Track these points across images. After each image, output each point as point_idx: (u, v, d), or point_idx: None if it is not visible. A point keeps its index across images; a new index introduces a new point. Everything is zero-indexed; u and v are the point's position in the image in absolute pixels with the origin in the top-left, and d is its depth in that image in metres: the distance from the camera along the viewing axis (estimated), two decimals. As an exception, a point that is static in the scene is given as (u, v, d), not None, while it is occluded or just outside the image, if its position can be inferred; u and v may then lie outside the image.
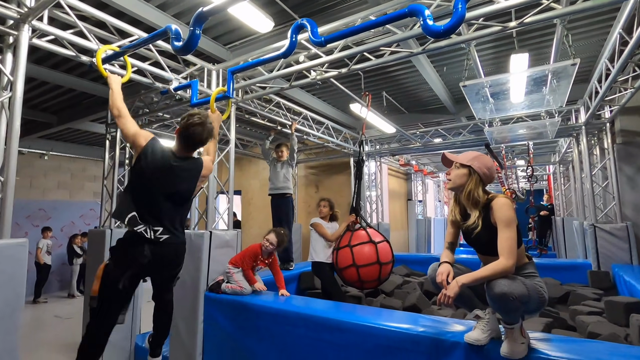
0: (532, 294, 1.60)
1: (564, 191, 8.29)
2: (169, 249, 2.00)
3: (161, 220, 1.97)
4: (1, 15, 2.13)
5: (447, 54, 4.25)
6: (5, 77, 2.16)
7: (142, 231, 1.90)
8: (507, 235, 1.63)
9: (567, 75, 2.95)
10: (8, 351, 1.86)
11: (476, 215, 1.74)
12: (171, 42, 2.08)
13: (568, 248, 7.11)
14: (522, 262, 1.74)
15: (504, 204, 1.69)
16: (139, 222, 1.91)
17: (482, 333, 1.76)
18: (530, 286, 1.62)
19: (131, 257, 1.90)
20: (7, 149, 2.08)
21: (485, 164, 1.80)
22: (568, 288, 3.97)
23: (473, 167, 1.78)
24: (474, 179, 1.77)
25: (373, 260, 3.26)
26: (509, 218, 1.65)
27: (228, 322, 2.79)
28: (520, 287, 1.57)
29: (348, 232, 3.51)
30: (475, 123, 5.85)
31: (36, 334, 4.77)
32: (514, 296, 1.54)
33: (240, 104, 4.04)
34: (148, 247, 1.90)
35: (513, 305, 1.55)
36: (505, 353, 1.64)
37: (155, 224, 1.95)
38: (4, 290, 1.86)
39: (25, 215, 7.23)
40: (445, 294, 1.62)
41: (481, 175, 1.77)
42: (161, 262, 1.99)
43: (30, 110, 5.62)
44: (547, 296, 1.69)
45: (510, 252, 1.60)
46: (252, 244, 3.06)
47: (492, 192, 1.80)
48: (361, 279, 3.26)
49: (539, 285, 1.66)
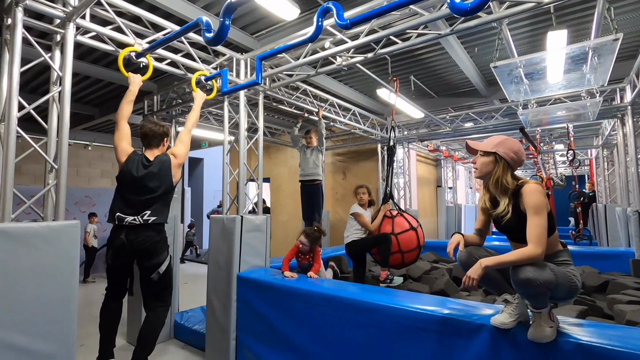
0: (560, 281, 1.57)
1: (608, 177, 7.81)
2: (137, 234, 2.42)
3: (132, 209, 2.45)
4: (49, 14, 2.31)
5: (479, 33, 4.09)
6: (55, 72, 2.34)
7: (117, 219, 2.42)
8: (537, 222, 1.59)
9: (610, 52, 2.77)
10: (68, 319, 2.08)
11: (505, 202, 1.70)
12: (202, 34, 2.16)
13: (610, 236, 6.75)
14: (556, 249, 1.70)
15: (534, 190, 1.63)
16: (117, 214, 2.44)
17: (509, 317, 1.76)
18: (560, 273, 1.59)
19: (109, 241, 2.46)
20: (59, 139, 2.27)
21: (512, 147, 1.74)
22: (607, 277, 3.80)
23: (499, 153, 1.72)
24: (501, 165, 1.72)
25: (415, 245, 3.68)
26: (538, 204, 1.60)
27: (259, 302, 2.93)
28: (547, 274, 1.54)
29: (387, 219, 3.75)
30: (509, 106, 5.62)
31: (86, 309, 5.22)
32: (539, 282, 1.51)
33: (268, 92, 4.12)
34: (122, 231, 2.42)
35: (538, 290, 1.53)
36: (533, 337, 1.63)
37: (129, 214, 2.43)
38: (62, 266, 2.07)
39: (73, 202, 7.81)
40: (470, 276, 1.61)
41: (508, 161, 1.72)
42: (131, 247, 2.42)
43: (74, 103, 6.02)
44: (580, 284, 1.65)
45: (539, 239, 1.56)
46: (295, 244, 3.36)
47: (523, 178, 1.75)
48: (405, 262, 3.69)
49: (570, 273, 1.63)
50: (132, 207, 2.44)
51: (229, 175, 3.64)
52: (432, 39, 2.89)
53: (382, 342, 2.20)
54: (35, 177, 7.50)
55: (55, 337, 2.02)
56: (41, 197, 2.23)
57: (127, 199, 2.46)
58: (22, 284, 1.92)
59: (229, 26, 2.03)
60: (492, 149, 1.74)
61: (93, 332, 4.25)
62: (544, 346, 1.63)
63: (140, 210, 2.45)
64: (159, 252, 2.50)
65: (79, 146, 8.05)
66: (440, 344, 1.97)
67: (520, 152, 1.74)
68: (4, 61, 2.29)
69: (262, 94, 3.90)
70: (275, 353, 2.76)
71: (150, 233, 2.45)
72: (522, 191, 1.66)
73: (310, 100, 5.07)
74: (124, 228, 2.41)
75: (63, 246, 2.08)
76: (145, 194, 2.47)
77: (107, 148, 8.69)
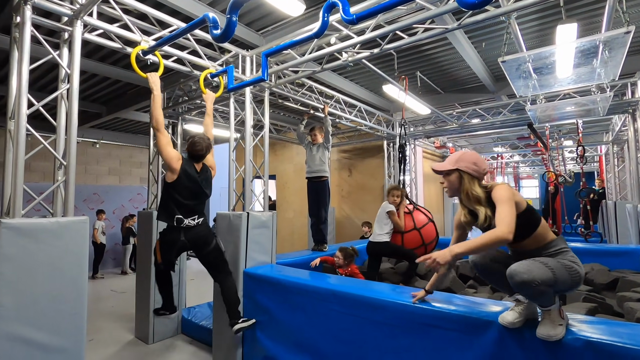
0: (558, 275, 1.56)
1: (618, 173, 7.69)
2: (193, 233, 2.78)
3: (190, 213, 2.77)
4: (57, 12, 2.32)
5: (486, 28, 4.03)
6: (63, 70, 2.36)
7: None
8: (503, 209, 1.61)
9: (621, 45, 2.71)
10: (79, 313, 2.11)
11: (483, 211, 1.74)
12: (210, 31, 2.16)
13: (620, 234, 6.65)
14: (548, 239, 1.71)
15: (499, 188, 1.71)
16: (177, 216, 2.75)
17: (518, 316, 1.74)
18: (557, 267, 1.57)
19: (168, 239, 2.79)
20: (67, 137, 2.29)
21: (471, 159, 1.81)
22: (617, 274, 3.74)
23: (460, 168, 1.80)
24: (465, 179, 1.79)
25: (434, 236, 4.07)
26: (504, 196, 1.65)
27: (265, 298, 2.95)
28: (542, 270, 1.53)
29: (407, 215, 3.99)
30: (517, 101, 5.55)
31: (95, 305, 5.30)
32: (537, 282, 1.50)
33: (273, 88, 4.11)
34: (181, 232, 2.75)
35: (539, 289, 1.52)
36: (542, 335, 1.62)
37: (187, 217, 2.76)
38: (72, 261, 2.10)
39: (82, 199, 7.91)
40: (435, 259, 1.59)
41: (471, 173, 1.79)
42: (191, 244, 2.80)
43: (82, 101, 6.07)
44: (582, 270, 1.63)
45: (507, 222, 1.57)
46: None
47: (490, 183, 1.81)
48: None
49: (569, 261, 1.61)
50: (190, 210, 2.77)
51: (234, 172, 3.65)
52: (439, 33, 2.86)
53: (390, 338, 2.20)
54: (45, 174, 7.60)
55: (66, 332, 2.05)
56: (50, 193, 2.26)
57: (185, 203, 2.75)
58: (33, 279, 1.96)
59: (236, 22, 2.03)
60: (453, 167, 1.82)
61: (102, 327, 4.32)
62: (553, 343, 1.61)
63: (195, 213, 2.81)
64: (210, 242, 2.89)
65: (87, 144, 8.13)
66: (448, 341, 1.97)
67: (479, 161, 1.82)
68: (14, 59, 2.32)
69: (268, 90, 3.90)
70: (281, 348, 2.78)
71: (201, 229, 2.84)
72: (492, 194, 1.71)
73: (316, 97, 5.05)
74: (182, 229, 2.74)
75: (72, 241, 2.11)
76: (200, 198, 2.85)
77: (115, 146, 8.77)
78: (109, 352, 3.66)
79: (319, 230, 4.48)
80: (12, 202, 2.03)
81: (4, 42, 3.59)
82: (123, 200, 8.74)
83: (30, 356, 1.92)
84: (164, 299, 3.15)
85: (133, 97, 5.82)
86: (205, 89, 3.24)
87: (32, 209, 2.13)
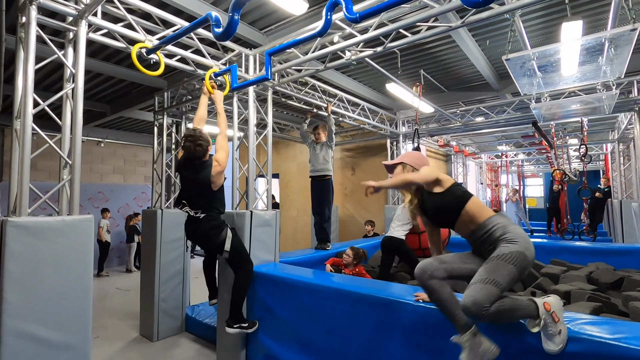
0: (501, 281, 1.52)
1: (624, 172, 7.62)
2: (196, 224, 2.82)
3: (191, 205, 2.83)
4: (62, 12, 2.34)
5: (490, 25, 4.01)
6: (68, 69, 2.38)
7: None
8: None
9: (627, 43, 2.69)
10: (84, 310, 2.14)
11: (412, 194, 1.98)
12: (212, 29, 2.17)
13: (625, 232, 6.60)
14: (486, 215, 1.75)
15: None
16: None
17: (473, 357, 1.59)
18: (499, 274, 1.53)
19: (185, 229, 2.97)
20: (72, 136, 2.31)
21: (413, 155, 2.14)
22: (622, 273, 3.72)
23: (404, 161, 2.10)
24: (407, 170, 2.08)
25: (446, 235, 4.19)
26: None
27: (269, 296, 2.96)
28: (482, 292, 1.49)
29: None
30: (522, 99, 5.51)
31: (100, 302, 5.34)
32: (485, 306, 1.47)
33: (276, 87, 4.12)
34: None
35: (492, 310, 1.48)
36: (550, 350, 1.57)
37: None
38: (77, 258, 2.12)
39: (87, 197, 7.97)
40: (371, 184, 1.79)
41: (412, 165, 2.07)
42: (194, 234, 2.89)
43: (87, 100, 6.10)
44: (532, 247, 1.62)
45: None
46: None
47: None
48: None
49: (508, 249, 1.59)
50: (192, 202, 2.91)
51: (238, 171, 3.66)
52: (442, 31, 2.85)
53: (393, 336, 2.20)
54: (50, 173, 7.66)
55: (72, 329, 2.08)
56: (56, 192, 2.28)
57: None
58: (39, 276, 1.98)
59: (237, 21, 2.03)
60: (398, 161, 2.14)
61: (108, 325, 4.36)
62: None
63: (199, 207, 2.88)
64: (212, 238, 2.92)
65: (92, 143, 8.19)
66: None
67: (420, 157, 2.13)
68: (19, 59, 2.34)
69: (271, 89, 3.90)
70: (285, 346, 2.79)
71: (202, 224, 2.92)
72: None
73: (319, 96, 5.05)
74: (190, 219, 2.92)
75: (78, 239, 2.13)
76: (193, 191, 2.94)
77: (119, 145, 8.83)
78: (114, 349, 3.69)
79: (322, 229, 4.49)
80: (19, 201, 2.06)
81: (10, 42, 3.61)
82: (128, 199, 8.80)
83: (36, 353, 1.95)
84: (209, 288, 3.35)
85: (137, 96, 5.85)
86: (213, 90, 3.17)
87: (38, 207, 2.15)
